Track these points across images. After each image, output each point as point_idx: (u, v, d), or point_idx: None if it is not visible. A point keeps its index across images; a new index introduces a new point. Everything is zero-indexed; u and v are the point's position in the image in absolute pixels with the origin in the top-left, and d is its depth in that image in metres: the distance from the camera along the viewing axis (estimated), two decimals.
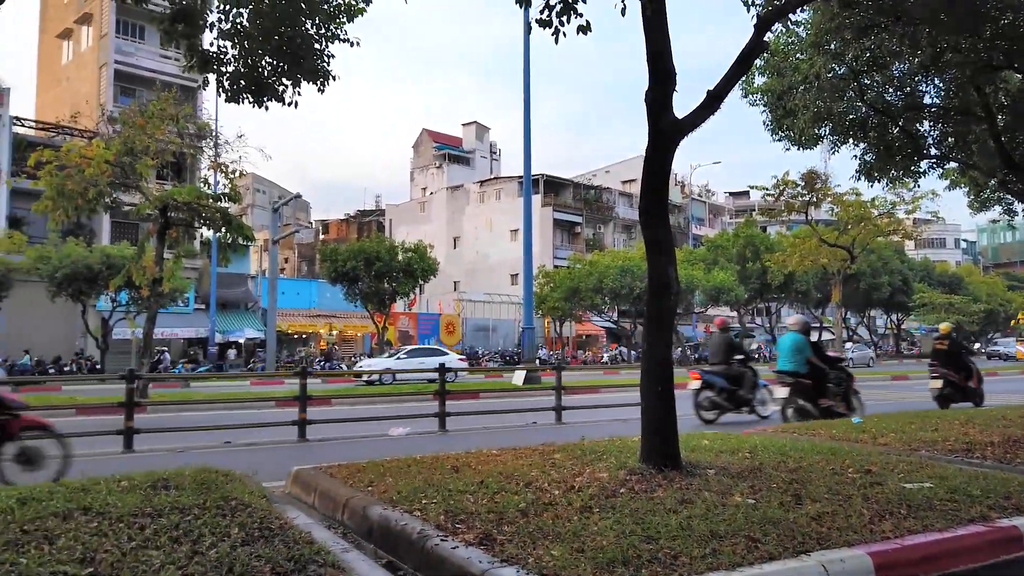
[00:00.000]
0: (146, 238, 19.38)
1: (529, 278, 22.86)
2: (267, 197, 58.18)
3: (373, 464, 6.35)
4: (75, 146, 17.92)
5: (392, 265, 34.39)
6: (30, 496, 4.89)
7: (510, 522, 4.36)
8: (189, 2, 7.09)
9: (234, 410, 13.82)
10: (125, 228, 35.84)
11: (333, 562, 3.79)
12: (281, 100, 7.63)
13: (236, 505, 4.77)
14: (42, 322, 32.44)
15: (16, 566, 3.50)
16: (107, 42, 37.93)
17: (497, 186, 58.73)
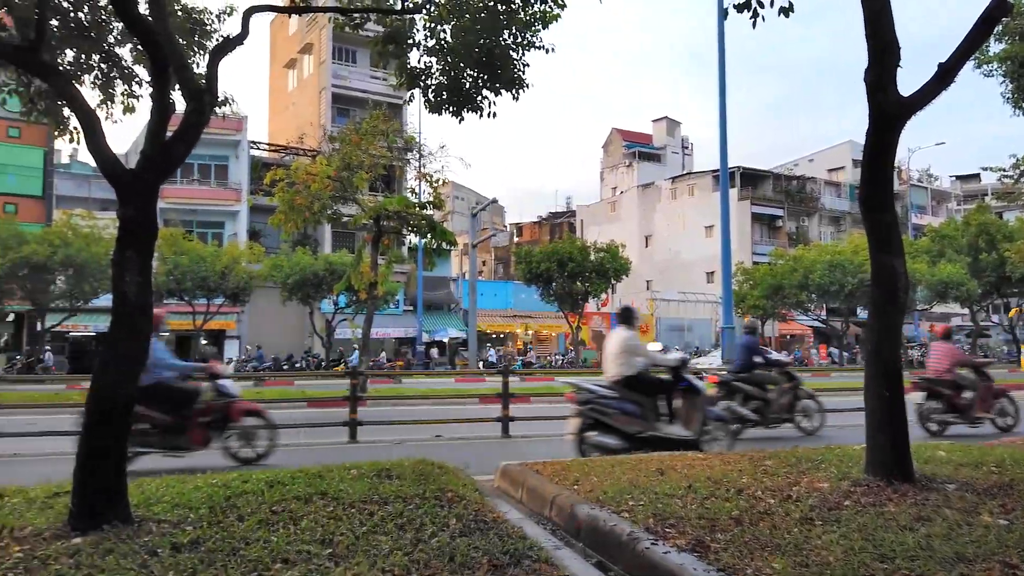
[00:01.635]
0: (362, 246, 21.06)
1: (727, 275, 21.92)
2: (466, 203, 60.97)
3: (578, 463, 6.40)
4: (302, 164, 19.92)
5: (584, 265, 34.63)
6: (276, 479, 5.48)
7: (723, 529, 4.21)
8: (398, 24, 7.57)
9: (442, 406, 14.58)
10: (344, 237, 39.23)
11: (546, 558, 3.86)
12: (479, 111, 7.91)
13: (452, 497, 5.02)
14: (276, 323, 36.43)
15: (268, 544, 3.93)
16: (325, 68, 41.71)
17: (690, 182, 57.15)
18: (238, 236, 37.72)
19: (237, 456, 8.38)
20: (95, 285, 29.34)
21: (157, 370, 7.72)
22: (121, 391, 4.42)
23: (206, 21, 7.84)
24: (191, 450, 8.08)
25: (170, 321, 33.18)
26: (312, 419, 12.05)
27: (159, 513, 4.51)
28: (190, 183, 38.10)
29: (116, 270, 4.45)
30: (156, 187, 4.67)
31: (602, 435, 7.79)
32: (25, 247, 27.51)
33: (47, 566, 3.55)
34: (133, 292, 4.42)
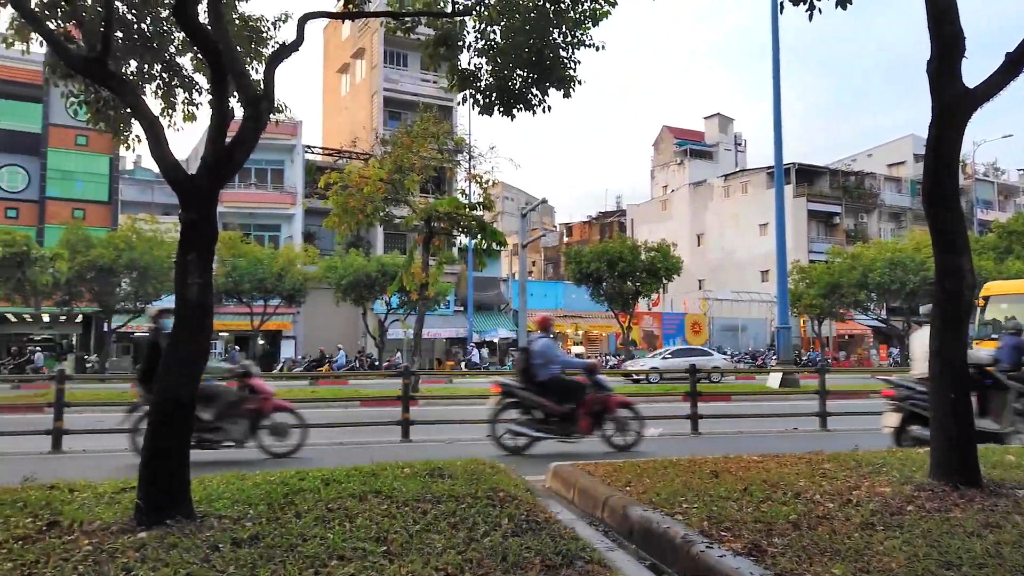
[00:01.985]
0: (414, 247, 21.26)
1: (783, 274, 21.53)
2: (515, 204, 61.08)
3: (630, 464, 6.35)
4: (355, 168, 20.25)
5: (635, 265, 34.36)
6: (332, 477, 5.57)
7: (780, 533, 4.12)
8: (449, 26, 7.62)
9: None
10: (395, 239, 39.73)
11: (599, 560, 3.84)
12: (531, 109, 7.90)
13: (504, 497, 5.03)
14: (330, 324, 37.09)
15: (324, 540, 4.00)
16: (377, 72, 42.29)
17: (743, 179, 56.15)
18: (293, 239, 38.54)
19: (613, 443, 9.36)
20: (158, 287, 30.37)
21: (552, 367, 9.17)
22: (183, 391, 4.56)
23: (262, 29, 8.02)
24: (580, 437, 9.17)
25: (229, 322, 34.20)
26: (366, 418, 12.23)
27: (220, 509, 4.63)
28: (247, 187, 39.07)
29: (179, 272, 4.59)
30: (216, 191, 4.80)
31: (923, 428, 7.99)
32: (93, 251, 28.63)
33: (114, 559, 3.68)
34: (195, 293, 4.56)
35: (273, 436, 9.00)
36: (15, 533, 4.08)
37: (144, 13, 7.28)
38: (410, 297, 22.61)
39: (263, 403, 8.88)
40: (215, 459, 8.34)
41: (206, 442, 8.43)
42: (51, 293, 29.08)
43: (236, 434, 8.63)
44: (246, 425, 8.71)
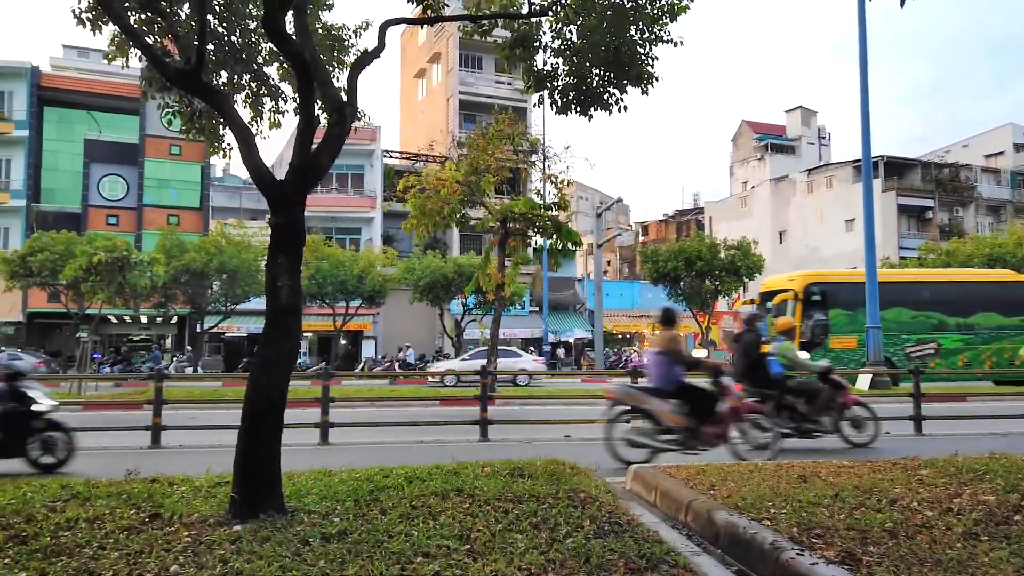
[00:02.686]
0: (489, 248, 21.41)
1: (872, 272, 20.60)
2: (590, 203, 60.72)
3: (714, 467, 6.22)
4: (432, 171, 20.53)
5: (714, 264, 33.63)
6: (414, 475, 5.67)
7: (876, 542, 3.96)
8: (525, 28, 7.64)
9: (570, 406, 14.59)
10: (471, 240, 40.14)
11: (684, 564, 3.77)
12: (608, 108, 7.83)
13: (585, 498, 5.00)
14: (409, 324, 37.78)
15: (409, 537, 4.07)
16: (452, 76, 42.83)
17: (827, 173, 54.16)
18: (373, 241, 39.43)
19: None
20: (246, 289, 31.61)
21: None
22: (275, 390, 4.72)
23: (344, 37, 8.24)
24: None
25: (312, 323, 35.29)
26: (445, 417, 12.39)
27: (309, 504, 4.77)
28: (329, 192, 40.20)
29: (269, 275, 4.76)
30: (303, 196, 4.96)
31: None
32: (186, 255, 30.02)
33: (212, 551, 3.84)
34: (285, 295, 4.72)
35: (852, 427, 9.75)
36: (120, 524, 4.31)
37: (234, 26, 7.59)
38: (486, 298, 22.78)
39: (844, 396, 9.68)
40: (807, 448, 9.25)
41: (807, 433, 9.38)
42: (148, 296, 30.63)
43: (828, 425, 9.47)
44: (835, 417, 9.54)
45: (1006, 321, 22.42)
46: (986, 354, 22.25)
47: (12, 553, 3.82)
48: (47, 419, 7.99)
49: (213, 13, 7.37)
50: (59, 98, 39.93)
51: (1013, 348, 22.37)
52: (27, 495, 5.03)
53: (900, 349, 21.73)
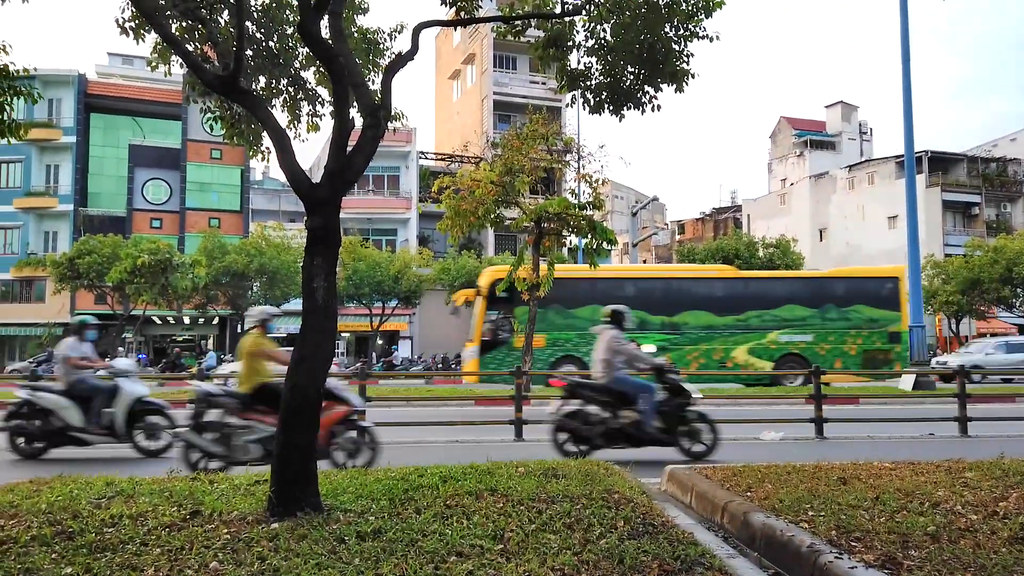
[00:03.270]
0: (524, 248, 21.40)
1: (916, 270, 20.15)
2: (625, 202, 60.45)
3: (750, 468, 6.14)
4: (466, 171, 20.59)
5: (752, 262, 33.25)
6: (449, 475, 5.70)
7: (917, 546, 3.88)
8: (558, 27, 7.63)
9: None
10: (506, 240, 40.24)
11: (720, 567, 3.74)
12: (641, 107, 7.77)
13: (619, 499, 4.98)
14: (443, 324, 37.96)
15: (443, 537, 4.09)
16: (487, 77, 42.97)
17: (869, 169, 53.09)
18: (409, 242, 39.76)
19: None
20: (285, 290, 32.11)
21: None
22: (311, 388, 4.78)
23: (379, 40, 8.32)
24: None
25: (349, 323, 35.70)
26: (480, 417, 12.42)
27: (345, 503, 4.83)
28: (365, 194, 40.63)
29: (306, 276, 4.83)
30: (339, 198, 5.02)
31: None
32: (227, 257, 30.63)
33: (250, 548, 3.91)
34: (321, 296, 4.78)
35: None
36: (162, 521, 4.42)
37: (272, 31, 7.72)
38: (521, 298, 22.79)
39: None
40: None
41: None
42: (191, 297, 31.30)
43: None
44: None
45: (717, 320, 21.36)
46: (693, 355, 21.14)
47: (59, 548, 3.94)
48: None
49: (251, 19, 7.51)
50: (105, 105, 41.05)
51: (725, 349, 21.21)
52: (73, 492, 5.18)
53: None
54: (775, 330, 21.32)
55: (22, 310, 38.14)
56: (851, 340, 21.25)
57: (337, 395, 7.62)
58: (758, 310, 21.44)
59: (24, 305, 38.49)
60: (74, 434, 8.92)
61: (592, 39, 7.50)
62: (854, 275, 23.45)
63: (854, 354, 21.09)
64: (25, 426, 8.98)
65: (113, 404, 8.96)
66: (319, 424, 4.96)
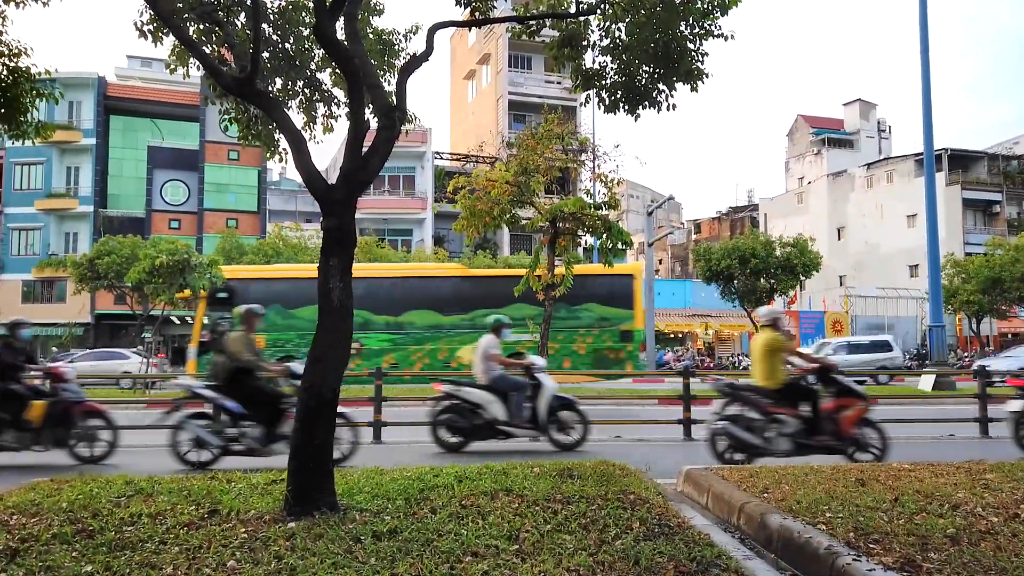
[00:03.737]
0: (539, 248, 21.39)
1: (935, 268, 19.97)
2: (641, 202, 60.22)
3: (767, 469, 6.10)
4: (481, 171, 20.61)
5: (769, 261, 32.89)
6: (464, 475, 5.71)
7: (937, 548, 3.84)
8: (573, 26, 7.62)
9: (621, 406, 14.51)
10: (521, 240, 40.25)
11: (736, 568, 3.72)
12: (657, 106, 7.74)
13: (635, 499, 4.96)
14: None
15: (459, 537, 4.10)
16: (502, 77, 42.99)
17: (887, 167, 52.56)
18: (424, 242, 39.87)
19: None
20: None
21: None
22: (327, 387, 4.81)
23: (394, 41, 8.35)
24: None
25: None
26: None
27: (361, 502, 4.85)
28: (381, 194, 40.78)
29: (321, 277, 4.85)
30: (354, 199, 5.04)
31: None
32: (245, 258, 30.85)
33: (267, 547, 3.94)
34: (337, 296, 4.81)
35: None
36: (181, 520, 4.46)
37: (288, 33, 7.77)
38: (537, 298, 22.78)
39: None
40: None
41: None
42: None
43: None
44: None
45: (443, 320, 20.93)
46: (417, 355, 20.78)
47: (79, 546, 3.99)
48: None
49: (267, 22, 7.57)
50: (124, 107, 41.49)
51: (451, 348, 20.81)
52: (93, 490, 5.23)
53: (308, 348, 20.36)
54: None
55: (43, 310, 38.61)
56: (581, 339, 20.89)
57: (852, 390, 7.90)
58: (485, 309, 20.94)
59: (45, 305, 38.98)
60: (501, 427, 9.17)
61: (607, 38, 7.48)
62: (586, 273, 22.21)
63: (583, 353, 20.69)
64: (456, 420, 9.24)
65: (537, 399, 9.23)
66: (335, 424, 4.98)
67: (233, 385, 7.90)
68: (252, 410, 7.85)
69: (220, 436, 7.87)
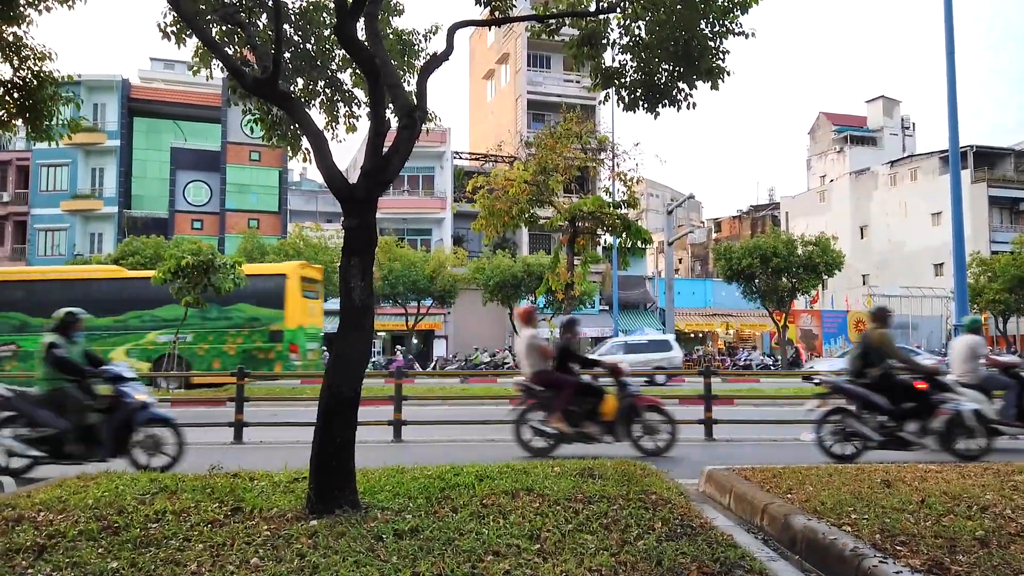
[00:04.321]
0: (559, 247, 21.39)
1: (961, 267, 19.57)
2: (661, 200, 59.88)
3: (791, 470, 6.04)
4: (500, 171, 20.64)
5: (791, 260, 32.63)
6: (484, 474, 5.71)
7: (966, 551, 3.78)
8: (593, 25, 7.59)
9: None
10: (540, 239, 40.20)
11: (761, 569, 3.68)
12: (676, 104, 7.69)
13: (656, 500, 4.94)
14: (478, 323, 38.12)
15: (480, 536, 4.10)
16: (520, 76, 42.96)
17: (911, 165, 51.88)
18: (443, 242, 39.94)
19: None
20: None
21: None
22: (349, 387, 4.83)
23: (414, 41, 8.36)
24: None
25: (385, 323, 36.00)
26: None
27: (382, 501, 4.87)
28: (400, 194, 40.91)
29: (343, 276, 4.87)
30: (375, 199, 5.06)
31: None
32: (266, 258, 31.07)
33: (290, 545, 3.96)
34: (358, 295, 4.82)
35: None
36: (205, 517, 4.50)
37: (309, 34, 7.80)
38: (556, 297, 22.75)
39: None
40: None
41: None
42: None
43: None
44: None
45: (97, 321, 19.63)
46: None
47: (105, 543, 4.03)
48: None
49: (289, 22, 7.61)
50: (147, 109, 41.97)
51: (104, 350, 19.06)
52: (119, 488, 5.29)
53: None
54: (154, 330, 20.74)
55: None
56: (231, 340, 20.58)
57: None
58: (138, 310, 20.81)
59: None
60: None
61: (627, 36, 7.44)
62: None
63: (233, 354, 20.32)
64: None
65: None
66: (356, 422, 5.00)
67: None
68: None
69: None
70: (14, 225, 40.93)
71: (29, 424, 7.56)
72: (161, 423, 7.92)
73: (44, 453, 7.54)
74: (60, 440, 7.48)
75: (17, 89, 7.49)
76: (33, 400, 7.66)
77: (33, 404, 7.62)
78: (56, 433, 7.46)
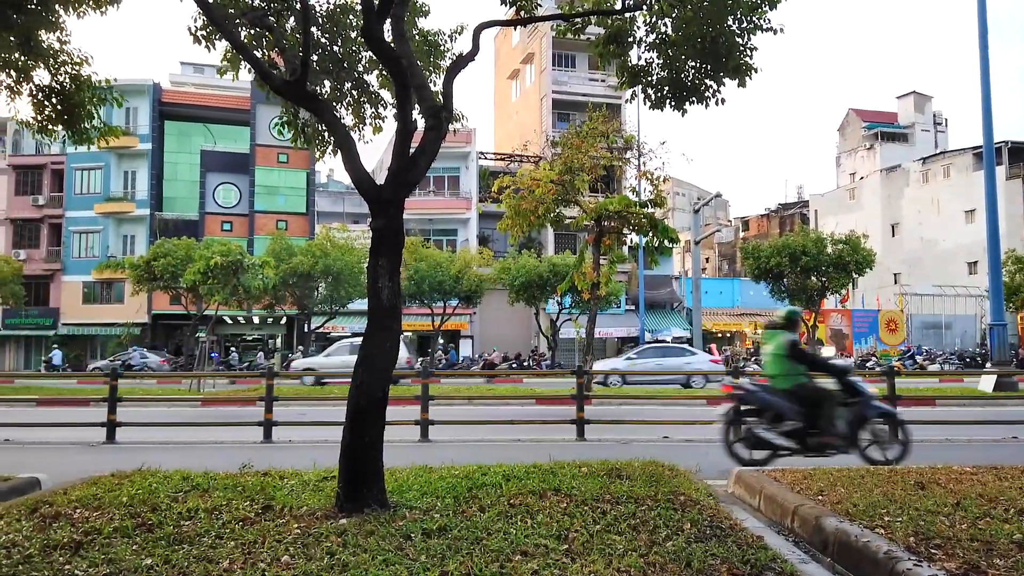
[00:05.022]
0: (584, 247, 21.31)
1: (996, 265, 19.23)
2: (687, 199, 59.48)
3: (822, 471, 5.96)
4: (526, 171, 20.63)
5: (820, 259, 32.16)
6: (511, 473, 5.72)
7: (1003, 555, 3.70)
8: (619, 23, 7.55)
9: (669, 406, 14.36)
10: (566, 239, 40.12)
11: (792, 572, 3.64)
12: (704, 102, 7.63)
13: (685, 500, 4.90)
14: (504, 324, 38.17)
15: (508, 535, 4.10)
16: (546, 76, 42.91)
17: (944, 162, 50.93)
18: (469, 242, 40.03)
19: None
20: (350, 291, 32.75)
21: None
22: (377, 386, 4.86)
23: (440, 42, 8.39)
24: None
25: (412, 323, 36.19)
26: (542, 416, 12.42)
27: (410, 500, 4.89)
28: (426, 194, 41.08)
29: (371, 276, 4.91)
30: (402, 199, 5.08)
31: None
32: (294, 259, 31.41)
33: (320, 543, 4.00)
34: (386, 296, 4.85)
35: None
36: (236, 515, 4.55)
37: (336, 36, 7.87)
38: (582, 297, 22.68)
39: None
40: None
41: None
42: (260, 297, 32.21)
43: None
44: None
45: None
46: None
47: (139, 540, 4.10)
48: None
49: (317, 25, 7.68)
50: (178, 112, 42.63)
51: None
52: (152, 486, 5.38)
53: None
54: None
55: (103, 310, 39.93)
56: None
57: None
58: None
59: (105, 306, 40.29)
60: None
61: (653, 34, 7.39)
62: None
63: None
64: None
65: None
66: (384, 422, 5.03)
67: None
68: None
69: None
70: (49, 227, 41.78)
71: (774, 419, 7.67)
72: (885, 417, 7.93)
73: (794, 446, 7.57)
74: (804, 433, 7.55)
75: (56, 94, 7.64)
76: (779, 394, 7.72)
77: (781, 398, 7.68)
78: (801, 427, 7.54)
